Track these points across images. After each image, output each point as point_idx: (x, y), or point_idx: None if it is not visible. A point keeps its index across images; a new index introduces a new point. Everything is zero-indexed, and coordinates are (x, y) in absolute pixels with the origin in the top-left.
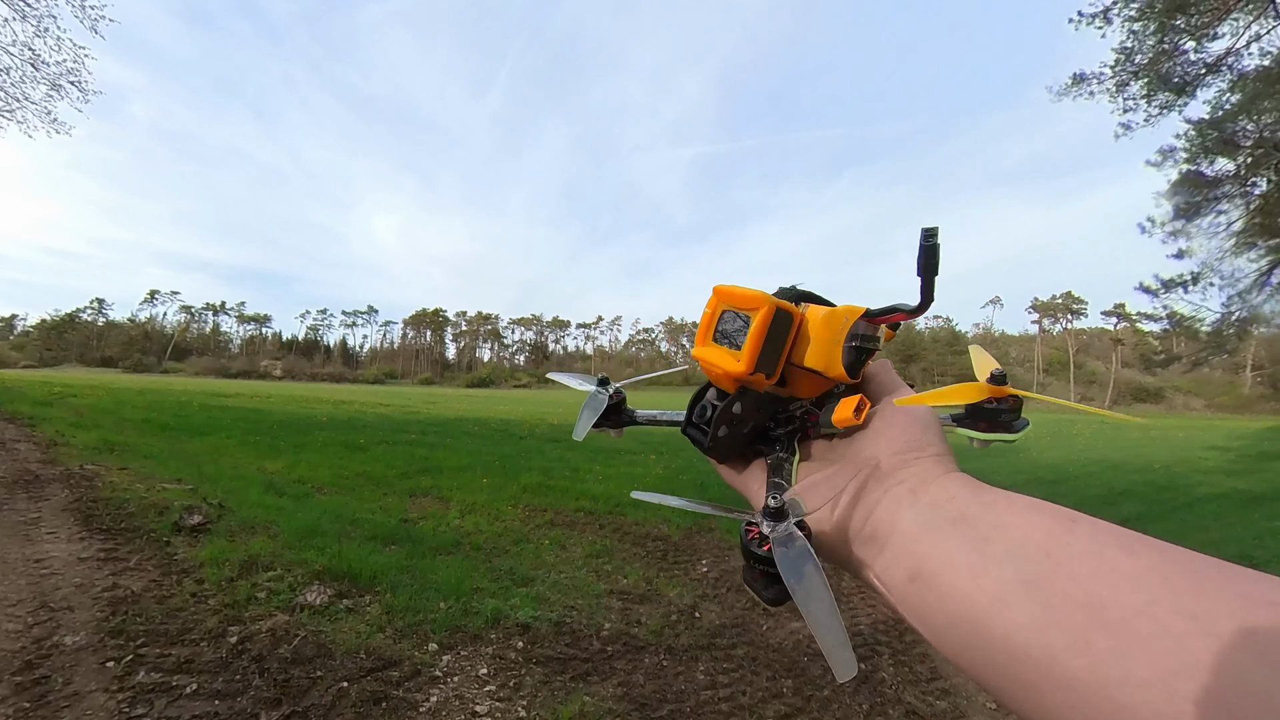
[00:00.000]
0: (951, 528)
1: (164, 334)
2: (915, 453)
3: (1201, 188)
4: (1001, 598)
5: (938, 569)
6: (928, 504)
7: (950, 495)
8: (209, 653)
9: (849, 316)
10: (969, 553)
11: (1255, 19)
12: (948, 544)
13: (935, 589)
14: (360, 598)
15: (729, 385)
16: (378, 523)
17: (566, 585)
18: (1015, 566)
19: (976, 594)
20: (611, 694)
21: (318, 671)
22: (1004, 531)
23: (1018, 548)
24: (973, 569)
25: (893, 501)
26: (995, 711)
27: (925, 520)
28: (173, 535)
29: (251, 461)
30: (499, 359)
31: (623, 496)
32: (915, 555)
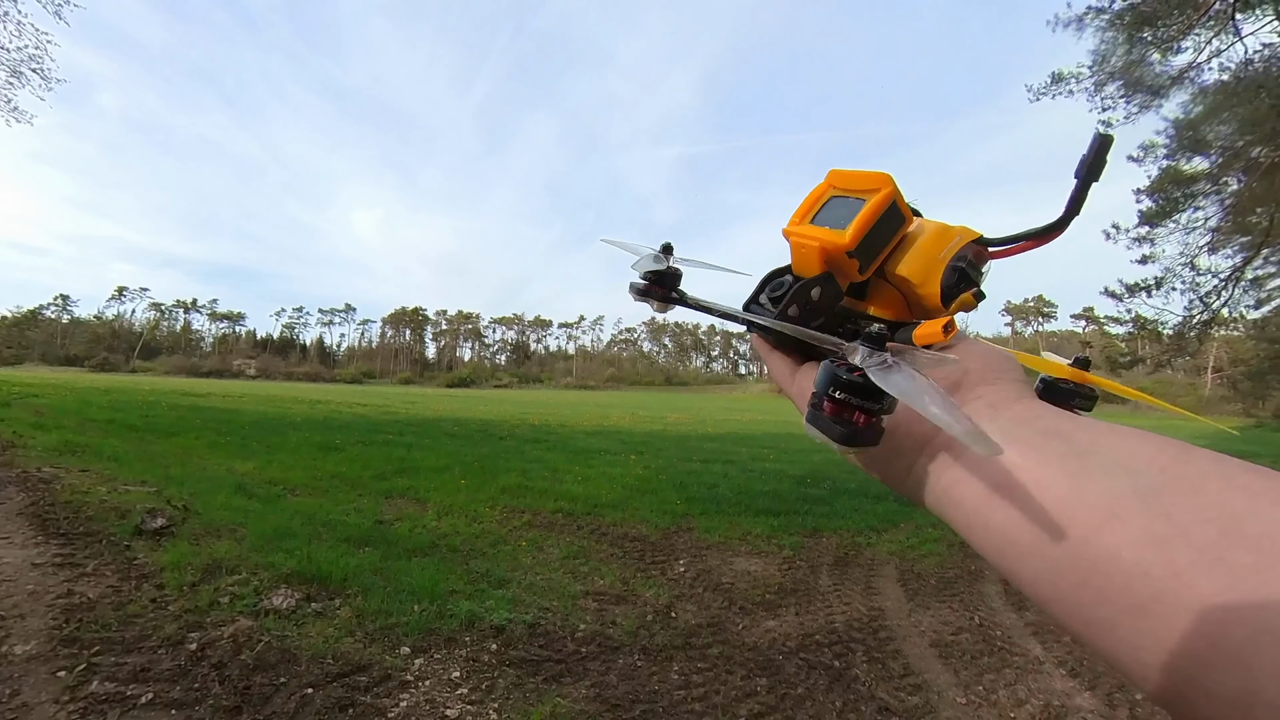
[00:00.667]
0: (1043, 440)
1: (132, 332)
2: (996, 374)
3: (1180, 184)
4: (1107, 507)
5: (1027, 480)
6: (1010, 418)
7: (1037, 414)
8: (167, 660)
9: (962, 236)
10: (1066, 462)
11: (1215, 35)
12: (1039, 454)
13: (1023, 500)
14: (330, 601)
15: (817, 265)
16: (351, 524)
17: (542, 587)
18: (1126, 478)
19: (1077, 504)
20: (584, 695)
21: (281, 678)
22: (1107, 448)
23: (1127, 461)
24: (1073, 478)
25: (972, 412)
26: (965, 706)
27: (1010, 432)
28: (133, 539)
29: (221, 463)
30: (480, 358)
31: (601, 497)
32: (997, 466)
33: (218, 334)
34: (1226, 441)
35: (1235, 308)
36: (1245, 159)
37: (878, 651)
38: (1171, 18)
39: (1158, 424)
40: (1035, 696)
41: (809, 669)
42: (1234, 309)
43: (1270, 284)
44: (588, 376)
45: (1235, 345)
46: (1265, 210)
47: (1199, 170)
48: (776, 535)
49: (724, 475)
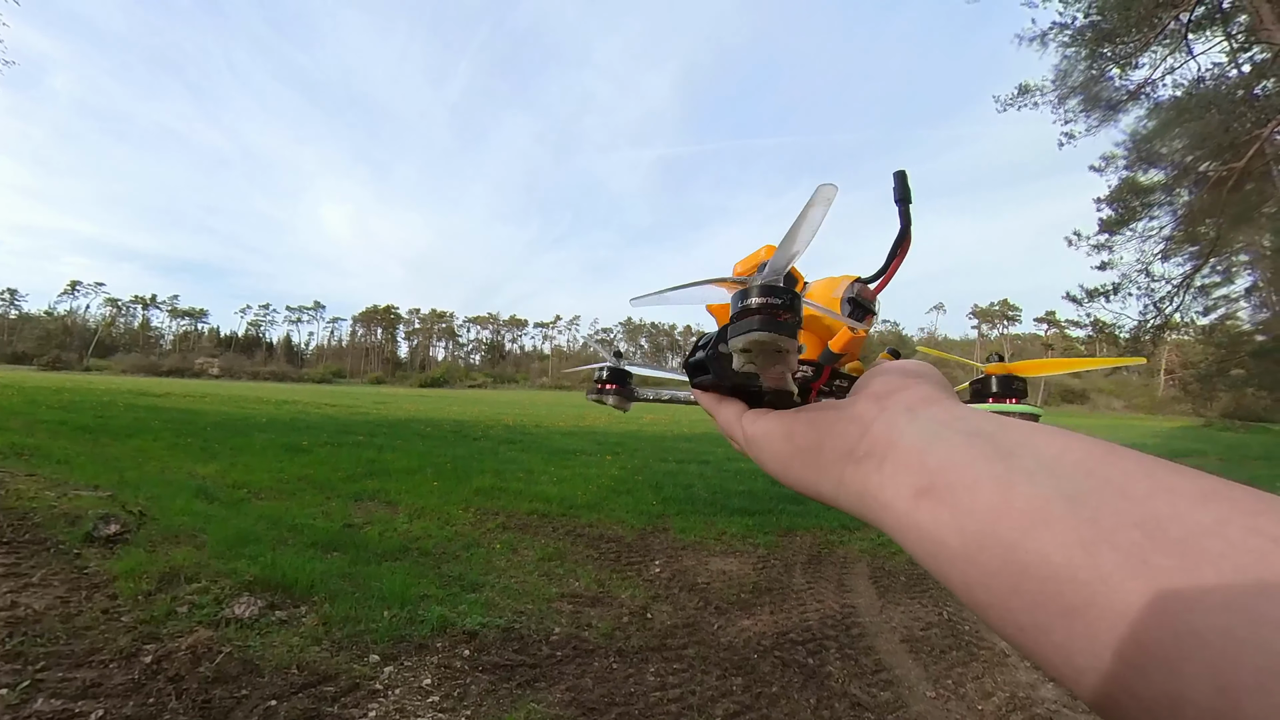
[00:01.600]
0: (967, 440)
1: (86, 329)
2: (913, 378)
3: (1138, 194)
4: (1037, 513)
5: (954, 482)
6: (930, 418)
7: (959, 415)
8: (119, 675)
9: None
10: (992, 464)
11: (1170, 53)
12: (964, 454)
13: (951, 504)
14: (295, 609)
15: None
16: (318, 528)
17: (517, 590)
18: (1052, 481)
19: (1004, 508)
20: (559, 699)
21: (243, 690)
22: (1032, 449)
23: (1052, 463)
24: (999, 481)
25: (889, 419)
26: (934, 699)
27: (932, 432)
28: (84, 547)
29: (181, 466)
30: (453, 358)
31: (577, 498)
32: (924, 468)
33: (178, 331)
34: (1178, 439)
35: (1186, 313)
36: (1196, 173)
37: (850, 648)
38: (1130, 35)
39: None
40: (1001, 689)
41: (783, 667)
42: (1185, 314)
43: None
44: (564, 377)
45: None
46: (1213, 222)
47: (1154, 181)
48: (751, 535)
49: (699, 475)
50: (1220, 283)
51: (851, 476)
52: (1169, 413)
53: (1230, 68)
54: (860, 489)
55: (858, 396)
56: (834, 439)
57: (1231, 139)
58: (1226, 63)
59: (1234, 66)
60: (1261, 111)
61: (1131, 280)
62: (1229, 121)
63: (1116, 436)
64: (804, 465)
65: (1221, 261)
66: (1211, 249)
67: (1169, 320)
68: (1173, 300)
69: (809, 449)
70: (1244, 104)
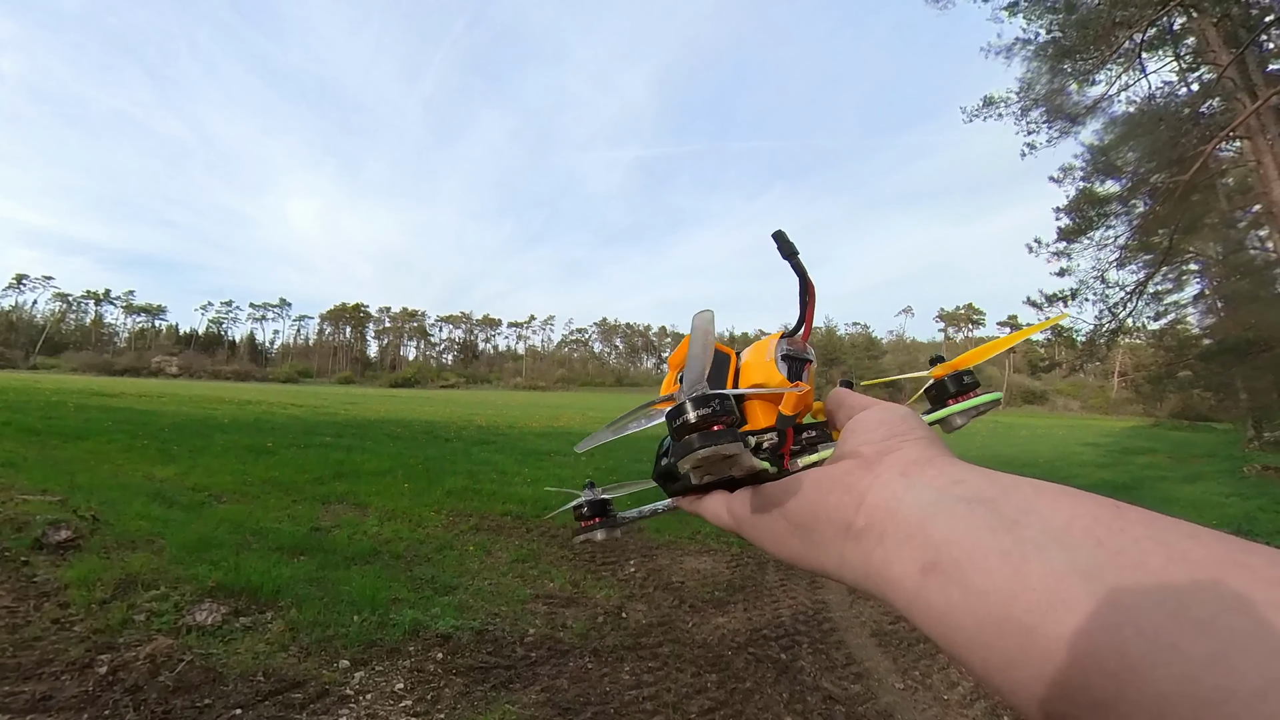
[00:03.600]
0: (968, 509)
1: (34, 325)
2: (899, 438)
3: (1094, 204)
4: (1051, 592)
5: (961, 558)
6: (927, 484)
7: (956, 478)
8: (72, 687)
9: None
10: (999, 537)
11: (1125, 70)
12: (967, 526)
13: (960, 583)
14: (260, 615)
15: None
16: (284, 532)
17: (490, 592)
18: (1064, 554)
19: (1019, 588)
20: (534, 700)
21: (205, 699)
22: (1037, 516)
23: (1061, 534)
24: (1008, 557)
25: (885, 487)
26: (904, 691)
27: (932, 502)
28: (33, 554)
29: (137, 469)
30: (425, 358)
31: (551, 500)
32: (928, 542)
33: (134, 328)
34: (1130, 438)
35: (1139, 318)
36: (1148, 184)
37: (822, 643)
38: (1088, 52)
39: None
40: (966, 679)
41: (757, 662)
42: (1138, 320)
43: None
44: (538, 377)
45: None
46: (1166, 231)
47: (1110, 193)
48: (725, 534)
49: None
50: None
51: (853, 553)
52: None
53: (1180, 86)
54: (864, 566)
55: (844, 461)
56: (829, 513)
57: (1180, 153)
58: (1176, 81)
59: (1183, 85)
60: (1207, 128)
61: (1088, 286)
62: (1178, 136)
63: (1074, 436)
64: (802, 544)
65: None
66: (1163, 257)
67: (1123, 325)
68: (1126, 305)
69: (804, 526)
70: (1191, 120)
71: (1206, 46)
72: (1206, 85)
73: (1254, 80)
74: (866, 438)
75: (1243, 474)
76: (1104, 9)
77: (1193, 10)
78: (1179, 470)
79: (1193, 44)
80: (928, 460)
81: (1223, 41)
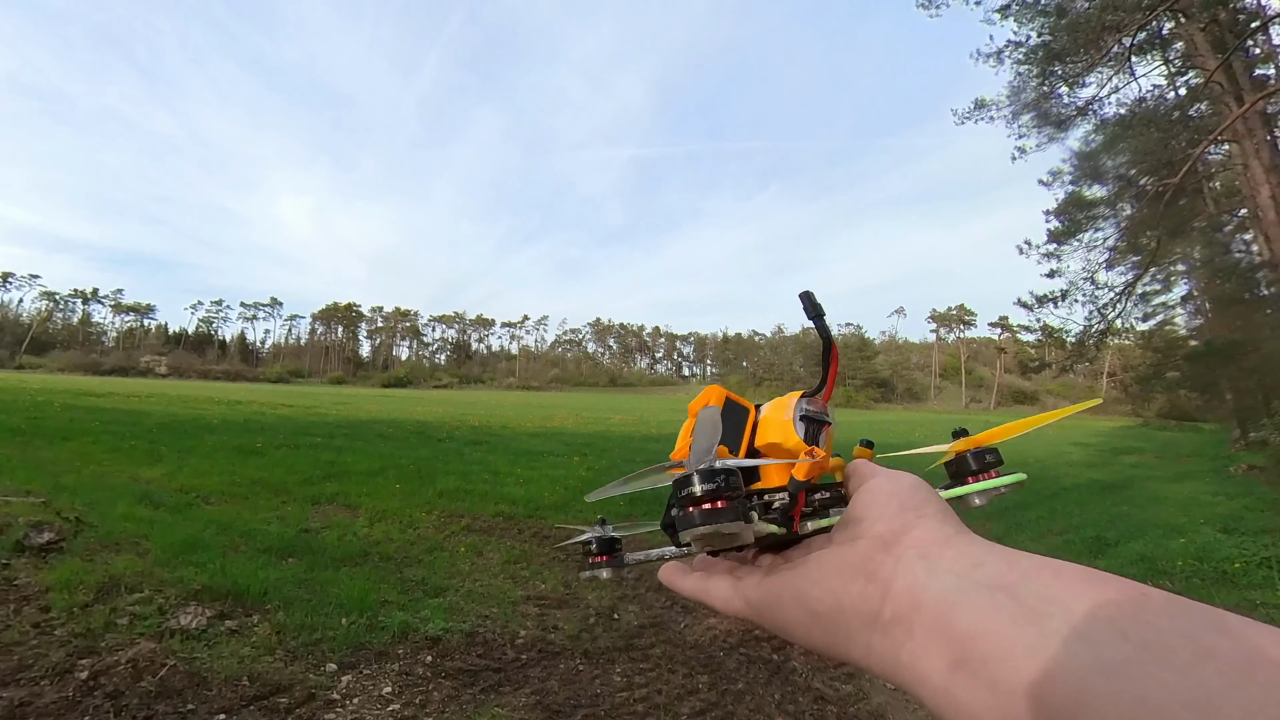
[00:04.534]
0: (989, 597)
1: (19, 324)
2: (914, 513)
3: (1083, 207)
4: (1079, 694)
5: (986, 653)
6: (949, 569)
7: (975, 561)
8: (51, 692)
9: (793, 395)
10: (1023, 630)
11: (1115, 74)
12: (991, 618)
13: (987, 681)
14: (246, 618)
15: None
16: (273, 534)
17: (481, 594)
18: (1089, 650)
19: (1046, 687)
20: (524, 703)
21: (189, 704)
22: (1059, 604)
23: (1084, 626)
24: (1034, 652)
25: (907, 572)
26: (894, 691)
27: (955, 589)
28: (13, 556)
29: (123, 469)
30: (418, 358)
31: (544, 499)
32: (955, 636)
33: (123, 328)
34: (1118, 437)
35: (1127, 319)
36: (1136, 187)
37: None
38: (1078, 56)
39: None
40: None
41: (749, 663)
42: (1126, 321)
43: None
44: (531, 377)
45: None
46: (1153, 234)
47: (1098, 196)
48: None
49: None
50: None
51: (881, 645)
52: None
53: (1169, 90)
54: (893, 660)
55: (860, 542)
56: (854, 604)
57: (1169, 156)
58: (1165, 85)
59: (1172, 89)
60: (1195, 132)
61: (1078, 288)
62: (1167, 139)
63: (1064, 436)
64: (825, 634)
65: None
66: (1151, 259)
67: (1112, 326)
68: (1115, 307)
69: (828, 617)
70: (1180, 124)
71: (1194, 51)
72: (1194, 89)
73: (1241, 85)
74: (879, 513)
75: (1229, 473)
76: (1094, 13)
77: (1181, 15)
78: (1167, 470)
79: (1181, 48)
80: (945, 540)
81: (1210, 46)
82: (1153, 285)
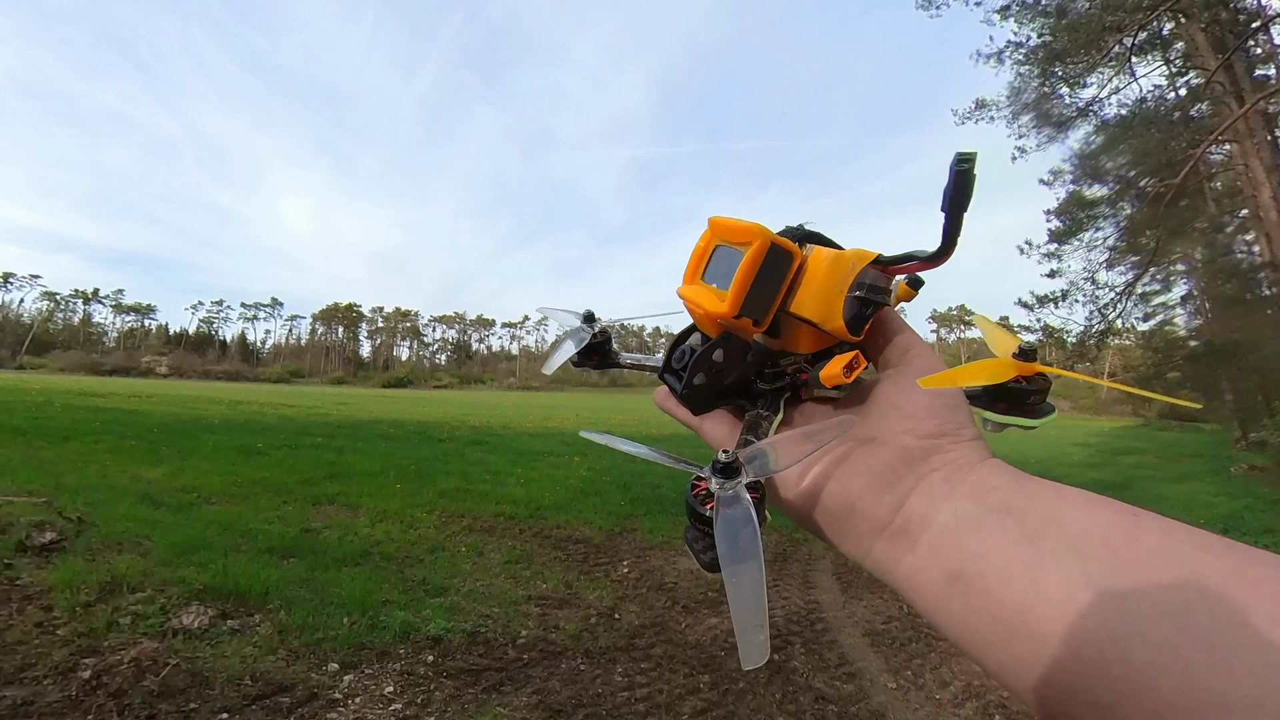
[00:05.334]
0: (997, 521)
1: (20, 324)
2: (949, 438)
3: (1083, 207)
4: (1065, 602)
5: (984, 569)
6: (966, 494)
7: (992, 485)
8: (54, 692)
9: (857, 262)
10: (1021, 548)
11: (1115, 74)
12: (995, 539)
13: (981, 592)
14: (248, 618)
15: (711, 329)
16: (274, 534)
17: (482, 593)
18: (1079, 565)
19: (1033, 597)
20: (525, 702)
21: (191, 704)
22: (1059, 526)
23: (1078, 543)
24: (1028, 568)
25: (926, 492)
26: (896, 690)
27: (966, 513)
28: (16, 556)
29: (125, 469)
30: (418, 358)
31: (544, 500)
32: (956, 553)
33: (123, 328)
34: (1119, 438)
35: (1128, 319)
36: (1137, 187)
37: (815, 642)
38: (1078, 56)
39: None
40: (958, 678)
41: None
42: (1126, 320)
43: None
44: (531, 378)
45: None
46: (1153, 234)
47: (1099, 196)
48: None
49: (668, 475)
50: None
51: (882, 552)
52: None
53: (1169, 90)
54: (889, 566)
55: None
56: (866, 509)
57: (1169, 157)
58: (1166, 85)
59: (1172, 89)
60: (1195, 132)
61: (1078, 288)
62: (1167, 140)
63: (1064, 436)
64: (828, 525)
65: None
66: (1151, 259)
67: (1112, 326)
68: (1115, 307)
69: (836, 513)
70: (1181, 124)
71: (1195, 51)
72: (1195, 89)
73: (1242, 85)
74: (914, 426)
75: (1230, 473)
76: (1094, 14)
77: (1181, 16)
78: (1168, 470)
79: (1182, 49)
80: (970, 467)
81: (1210, 46)
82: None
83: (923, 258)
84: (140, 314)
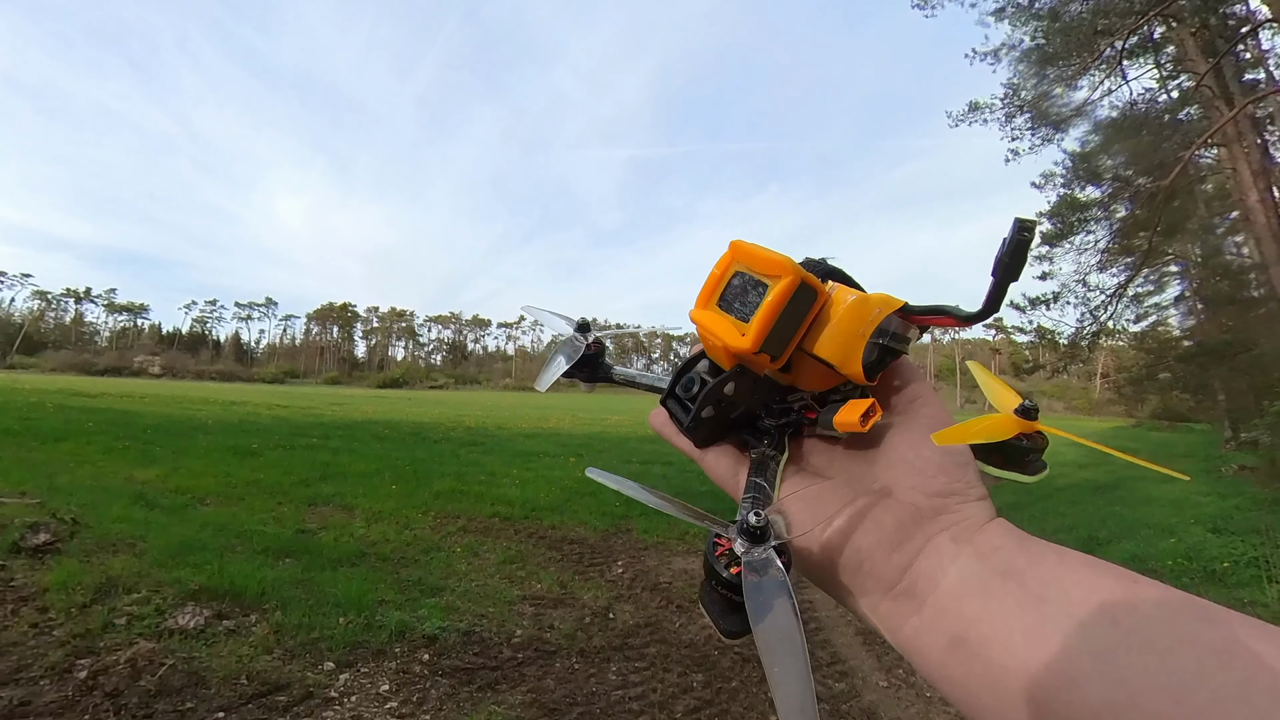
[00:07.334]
0: (1000, 584)
1: (11, 323)
2: (958, 496)
3: (1075, 209)
4: (1067, 674)
5: (987, 634)
6: (971, 555)
7: (995, 545)
8: (51, 692)
9: (882, 308)
10: (1023, 614)
11: (1107, 77)
12: (998, 604)
13: (983, 658)
14: (244, 617)
15: (725, 361)
16: (269, 535)
17: (478, 593)
18: (1080, 633)
19: (1034, 665)
20: (520, 701)
21: (188, 703)
22: (1060, 590)
23: (1079, 610)
24: (1029, 634)
25: (935, 552)
26: (886, 689)
27: (971, 575)
28: (10, 558)
29: (118, 470)
30: (414, 358)
31: (540, 500)
32: (959, 617)
33: (116, 327)
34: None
35: (1119, 321)
36: (1130, 188)
37: (808, 642)
38: (1071, 58)
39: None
40: None
41: (743, 662)
42: (1118, 322)
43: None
44: (527, 378)
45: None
46: (1145, 235)
47: (1091, 198)
48: None
49: (663, 476)
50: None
51: (888, 610)
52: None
53: (1160, 93)
54: (894, 626)
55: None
56: (876, 567)
57: (1160, 158)
58: (1157, 88)
59: (1164, 92)
60: (1186, 134)
61: (1070, 290)
62: (1159, 142)
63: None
64: (834, 581)
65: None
66: (1143, 260)
67: (1104, 327)
68: (1107, 308)
69: (845, 569)
70: (1171, 126)
71: (1185, 55)
72: (1185, 93)
73: (1231, 89)
74: (923, 483)
75: (1220, 473)
76: (1087, 17)
77: (1172, 20)
78: None
79: (1172, 52)
80: (978, 525)
81: (1200, 50)
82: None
83: (959, 316)
84: (133, 313)
